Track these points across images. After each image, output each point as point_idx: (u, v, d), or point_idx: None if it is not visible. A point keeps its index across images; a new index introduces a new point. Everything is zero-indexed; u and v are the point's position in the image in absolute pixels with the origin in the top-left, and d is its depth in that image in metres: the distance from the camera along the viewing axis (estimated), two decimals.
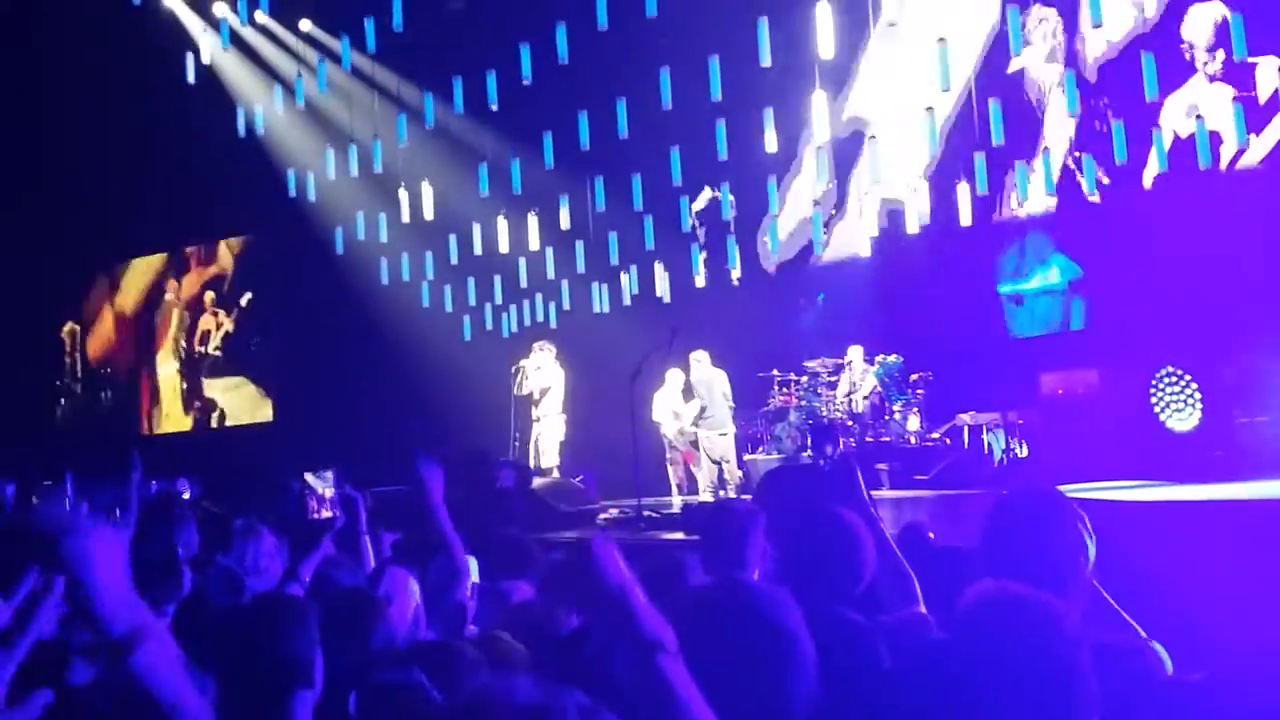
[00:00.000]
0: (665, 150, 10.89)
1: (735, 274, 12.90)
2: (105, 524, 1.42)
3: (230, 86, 14.10)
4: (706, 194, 12.82)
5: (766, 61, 9.49)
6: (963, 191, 11.14)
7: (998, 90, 11.14)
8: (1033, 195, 12.09)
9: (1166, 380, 9.92)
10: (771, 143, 10.65)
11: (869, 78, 13.38)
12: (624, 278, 12.90)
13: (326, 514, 2.94)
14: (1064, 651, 1.79)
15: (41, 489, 7.87)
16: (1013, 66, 12.03)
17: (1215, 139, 10.74)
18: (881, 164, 11.33)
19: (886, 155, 11.56)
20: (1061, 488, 2.77)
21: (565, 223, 12.33)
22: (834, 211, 13.62)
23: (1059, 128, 12.37)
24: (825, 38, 9.44)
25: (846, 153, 13.03)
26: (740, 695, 1.54)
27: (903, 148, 12.09)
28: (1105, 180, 11.77)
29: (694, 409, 11.31)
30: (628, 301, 13.01)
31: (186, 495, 10.61)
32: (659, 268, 12.97)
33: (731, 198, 12.42)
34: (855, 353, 12.46)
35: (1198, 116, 10.73)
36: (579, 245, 12.69)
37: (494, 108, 10.57)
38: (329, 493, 3.10)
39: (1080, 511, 2.43)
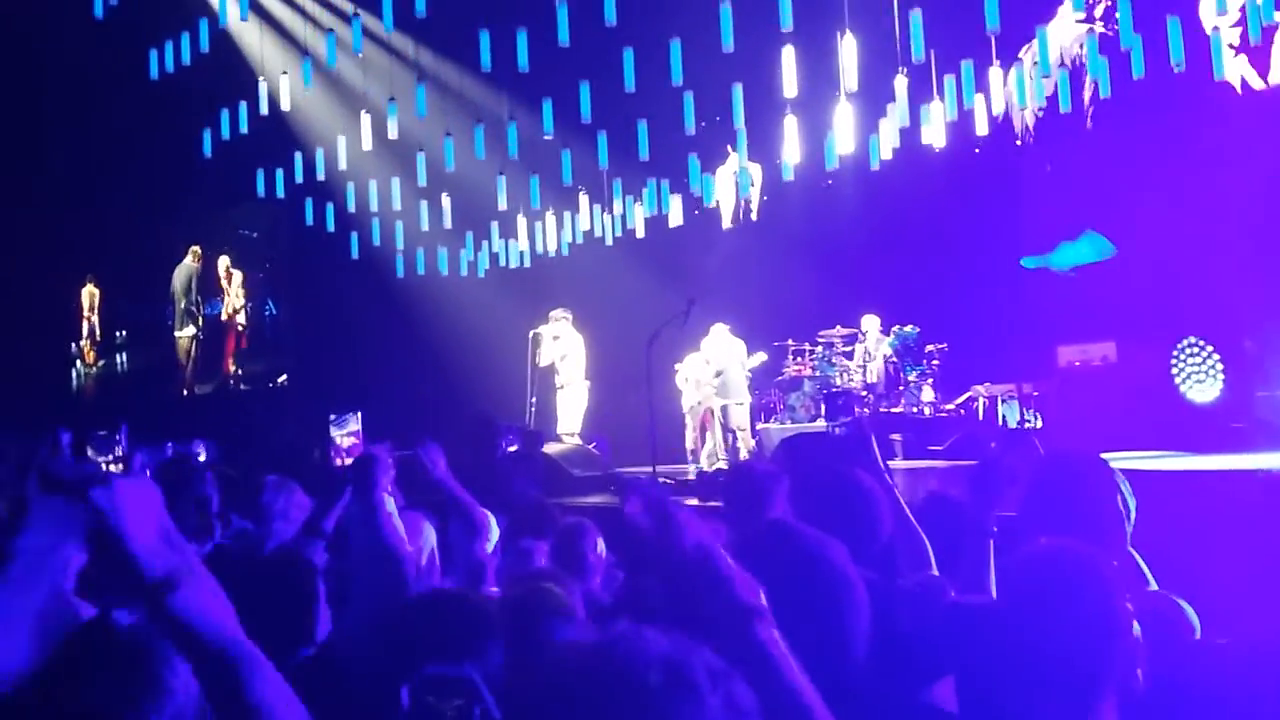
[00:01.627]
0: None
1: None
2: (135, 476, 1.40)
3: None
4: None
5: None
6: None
7: None
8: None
9: (1188, 351, 9.86)
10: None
11: None
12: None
13: (349, 461, 2.94)
14: (1111, 605, 1.79)
15: (97, 438, 7.99)
16: None
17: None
18: None
19: None
20: None
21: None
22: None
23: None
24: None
25: None
26: (800, 638, 1.51)
27: None
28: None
29: (711, 377, 11.30)
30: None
31: (202, 457, 10.70)
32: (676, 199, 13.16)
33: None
34: (870, 323, 12.42)
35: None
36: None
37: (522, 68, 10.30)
38: (348, 442, 3.12)
39: (1121, 475, 2.42)
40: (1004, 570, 1.98)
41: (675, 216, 13.27)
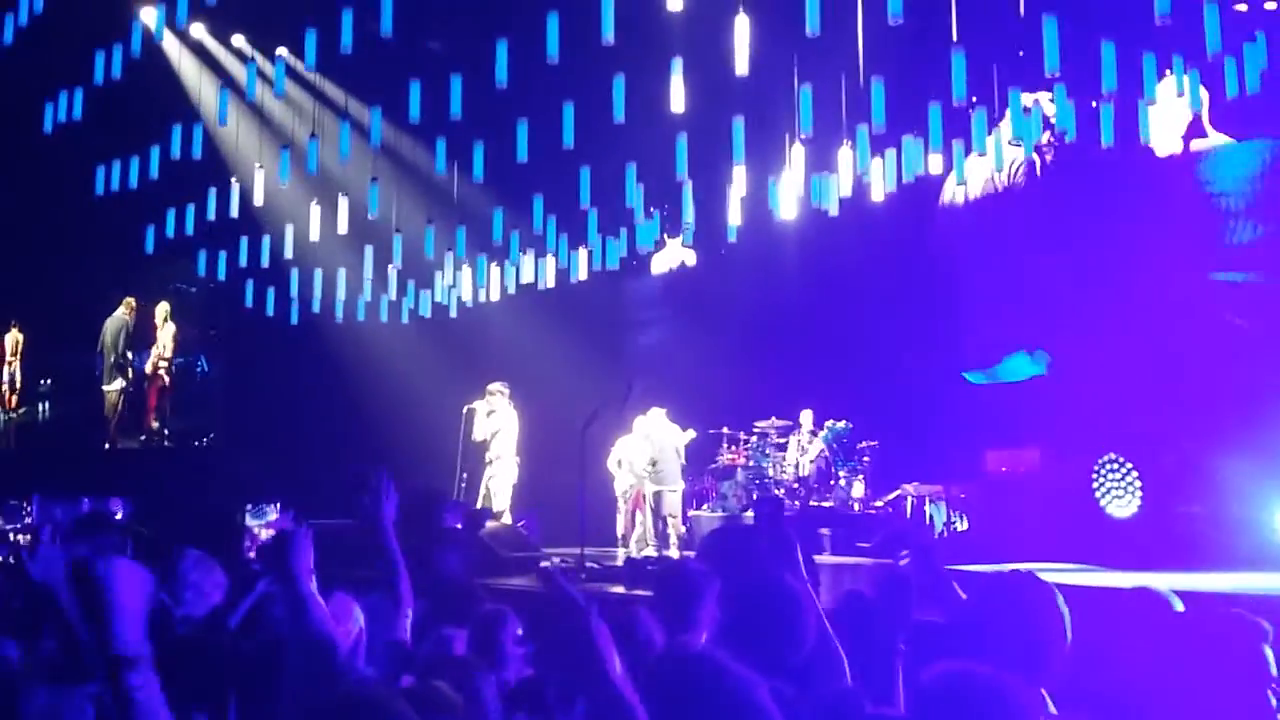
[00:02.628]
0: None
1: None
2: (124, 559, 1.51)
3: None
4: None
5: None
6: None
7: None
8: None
9: (1109, 466, 10.12)
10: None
11: None
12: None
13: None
14: None
15: (7, 506, 7.80)
16: None
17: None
18: None
19: None
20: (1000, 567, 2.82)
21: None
22: None
23: None
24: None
25: None
26: None
27: None
28: None
29: (644, 461, 11.32)
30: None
31: (119, 515, 10.39)
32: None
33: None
34: (806, 417, 12.59)
35: None
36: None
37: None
38: (264, 534, 3.09)
39: (1061, 598, 2.48)
40: (915, 688, 2.01)
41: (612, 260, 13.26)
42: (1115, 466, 10.09)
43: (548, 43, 8.00)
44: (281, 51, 11.39)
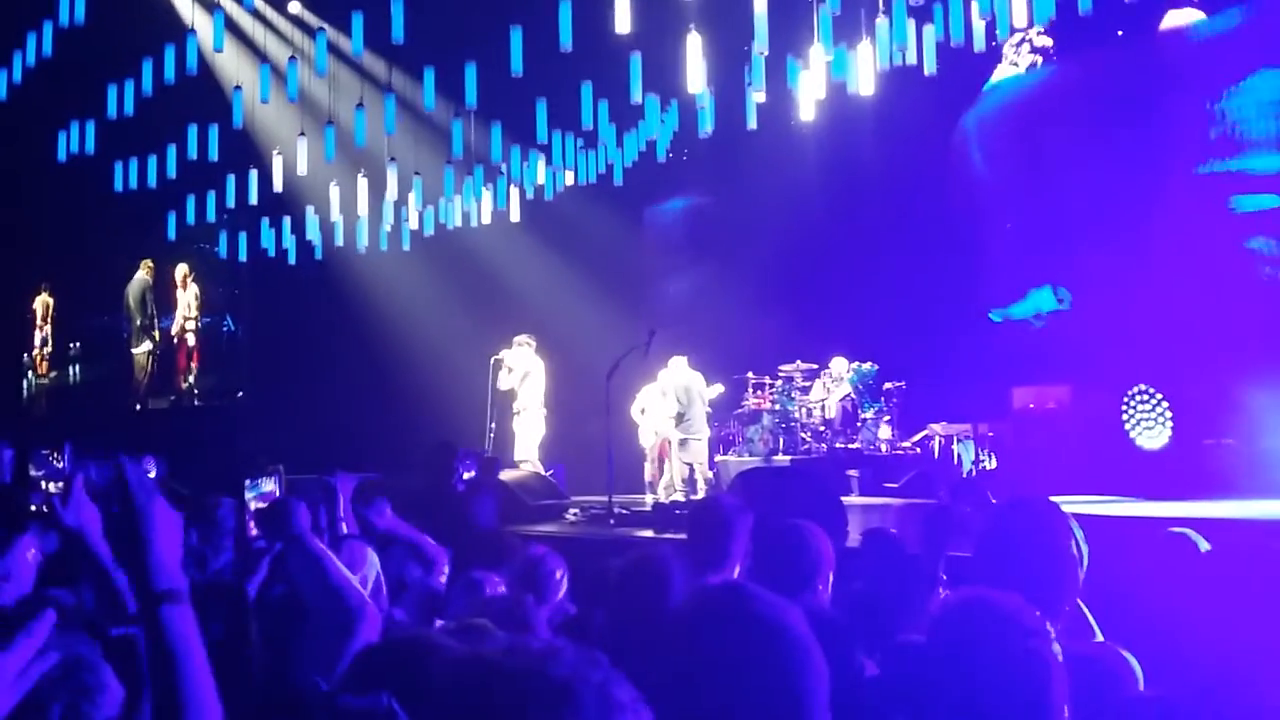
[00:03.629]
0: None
1: None
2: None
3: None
4: None
5: None
6: None
7: None
8: None
9: (1139, 398, 10.04)
10: None
11: None
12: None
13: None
14: (1031, 653, 1.82)
15: (39, 455, 7.88)
16: None
17: None
18: None
19: None
20: None
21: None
22: None
23: None
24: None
25: None
26: (759, 708, 1.51)
27: None
28: None
29: (671, 410, 11.33)
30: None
31: (153, 474, 10.51)
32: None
33: None
34: (837, 364, 12.54)
35: None
36: None
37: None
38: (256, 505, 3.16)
39: (1075, 523, 2.46)
40: (932, 615, 2.03)
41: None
42: (1145, 398, 10.01)
43: None
44: None
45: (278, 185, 12.47)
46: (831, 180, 13.25)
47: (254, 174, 12.62)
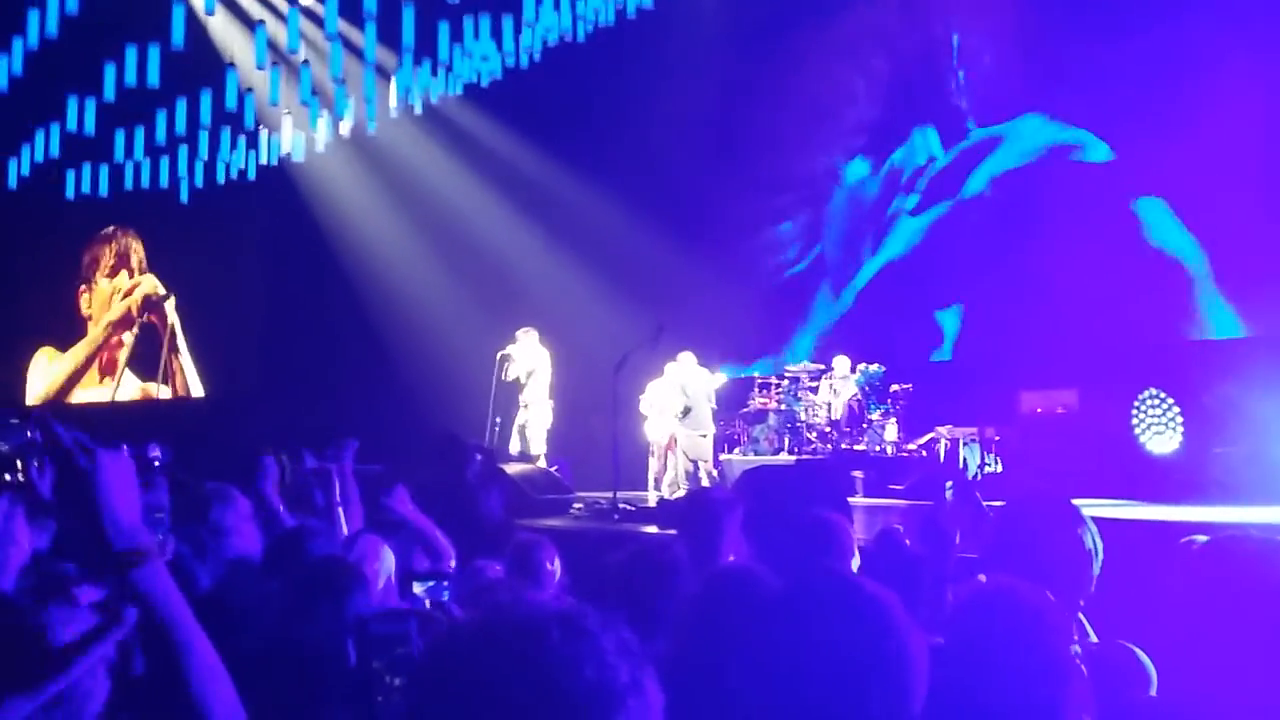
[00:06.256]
0: None
1: None
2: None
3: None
4: None
5: None
6: None
7: None
8: None
9: (1149, 402, 9.97)
10: None
11: None
12: None
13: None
14: (1051, 642, 1.78)
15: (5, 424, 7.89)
16: None
17: None
18: None
19: None
20: None
21: None
22: None
23: None
24: None
25: None
26: (863, 696, 1.47)
27: None
28: None
29: (677, 407, 11.29)
30: None
31: (157, 461, 10.48)
32: None
33: None
34: (840, 362, 12.48)
35: None
36: None
37: None
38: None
39: (1088, 519, 2.42)
40: (949, 608, 1.99)
41: None
42: (1156, 402, 9.94)
43: None
44: None
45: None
46: None
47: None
